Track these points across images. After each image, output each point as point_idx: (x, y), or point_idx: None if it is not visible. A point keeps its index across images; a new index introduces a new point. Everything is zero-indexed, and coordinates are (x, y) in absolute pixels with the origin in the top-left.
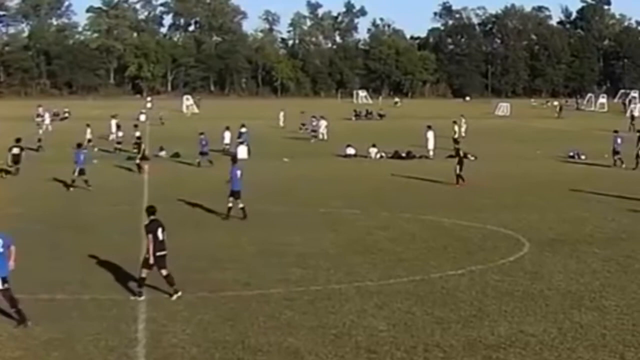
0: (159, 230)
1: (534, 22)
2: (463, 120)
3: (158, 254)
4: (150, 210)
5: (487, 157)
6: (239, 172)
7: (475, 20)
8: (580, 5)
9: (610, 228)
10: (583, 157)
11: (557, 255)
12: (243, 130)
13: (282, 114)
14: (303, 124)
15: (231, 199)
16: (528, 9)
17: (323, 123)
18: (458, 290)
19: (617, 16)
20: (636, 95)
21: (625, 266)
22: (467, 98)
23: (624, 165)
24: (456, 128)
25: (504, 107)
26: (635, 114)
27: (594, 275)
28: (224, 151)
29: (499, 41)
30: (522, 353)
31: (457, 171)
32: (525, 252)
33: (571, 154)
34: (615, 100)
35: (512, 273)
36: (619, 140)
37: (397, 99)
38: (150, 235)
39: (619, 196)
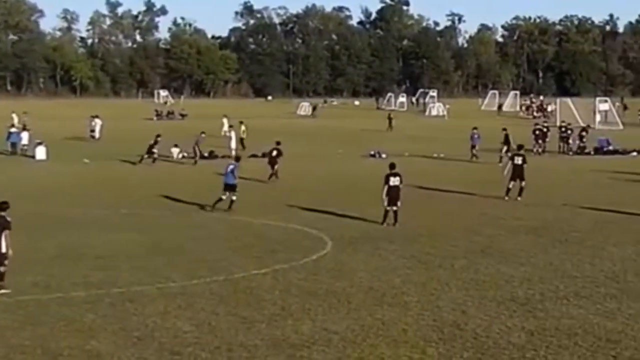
0: None
1: (334, 22)
2: (226, 119)
3: None
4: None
5: (290, 157)
6: (230, 167)
7: (276, 20)
8: (379, 5)
9: (411, 225)
10: (384, 155)
11: (359, 253)
12: (13, 130)
13: (14, 115)
14: (25, 125)
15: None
16: (329, 9)
17: (98, 122)
18: (262, 290)
19: (416, 17)
20: (435, 94)
21: (426, 262)
22: (269, 98)
23: (479, 159)
24: (243, 127)
25: (305, 107)
26: (433, 112)
27: (395, 272)
28: (21, 152)
29: (300, 41)
30: (326, 351)
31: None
32: (328, 251)
33: (372, 153)
34: (414, 99)
35: (315, 271)
36: (475, 136)
37: (169, 97)
38: None
39: (420, 187)
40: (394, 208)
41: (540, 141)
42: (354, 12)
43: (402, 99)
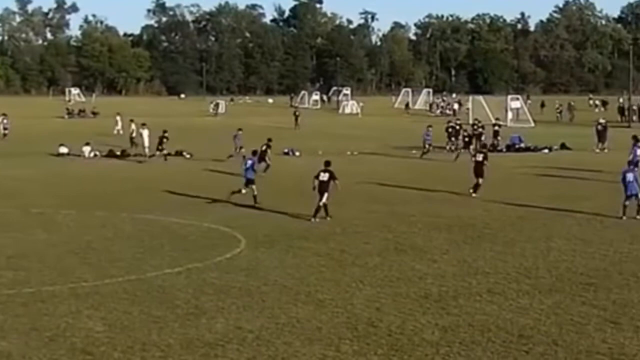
0: None
1: (247, 20)
2: (119, 117)
3: None
4: None
5: (203, 155)
6: (249, 162)
7: (189, 18)
8: (293, 3)
9: (325, 223)
10: (297, 153)
11: (273, 251)
12: None
13: None
14: None
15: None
16: (242, 6)
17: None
18: (175, 289)
19: (329, 15)
20: (348, 92)
21: (340, 260)
22: (182, 96)
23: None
24: (133, 126)
25: (220, 105)
26: (347, 110)
27: (309, 270)
28: None
29: (213, 39)
30: (240, 349)
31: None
32: (242, 249)
33: (285, 151)
34: (326, 97)
35: (229, 270)
36: (430, 134)
37: (79, 96)
38: None
39: (351, 179)
40: (323, 202)
41: (453, 139)
42: (267, 10)
43: (316, 96)
